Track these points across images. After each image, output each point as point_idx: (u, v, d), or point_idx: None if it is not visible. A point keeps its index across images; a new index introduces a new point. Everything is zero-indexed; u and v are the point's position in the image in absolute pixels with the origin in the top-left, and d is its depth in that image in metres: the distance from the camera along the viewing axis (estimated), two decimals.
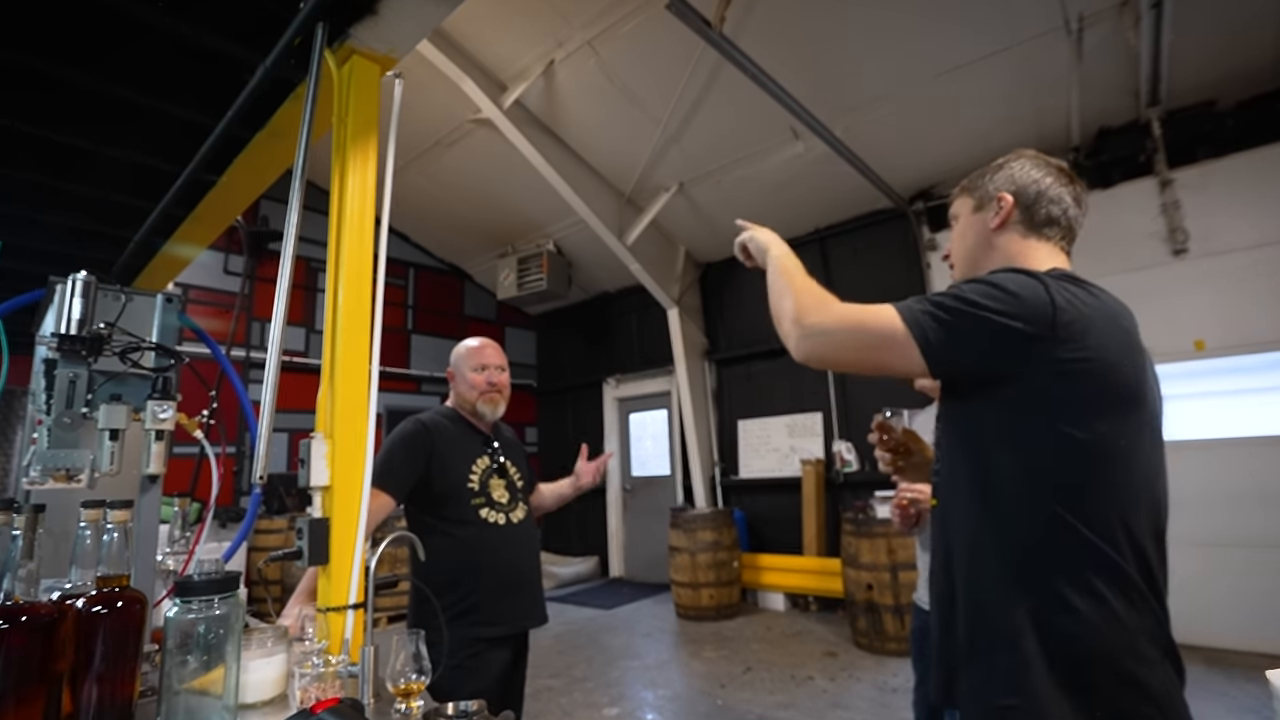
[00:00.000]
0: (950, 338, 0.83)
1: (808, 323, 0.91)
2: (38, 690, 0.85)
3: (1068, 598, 0.79)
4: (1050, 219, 1.00)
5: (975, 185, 1.07)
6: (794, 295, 0.96)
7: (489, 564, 1.77)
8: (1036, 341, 0.81)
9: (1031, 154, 1.05)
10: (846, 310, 0.90)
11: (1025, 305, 0.81)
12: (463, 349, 1.98)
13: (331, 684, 1.02)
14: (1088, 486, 0.82)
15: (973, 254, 1.05)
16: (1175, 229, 4.16)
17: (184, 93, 1.59)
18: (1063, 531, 0.81)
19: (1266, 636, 3.68)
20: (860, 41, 4.08)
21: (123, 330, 1.36)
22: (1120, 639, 0.79)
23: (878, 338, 0.86)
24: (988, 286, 0.84)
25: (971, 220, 1.06)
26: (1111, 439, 0.82)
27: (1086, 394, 0.82)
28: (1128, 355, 0.86)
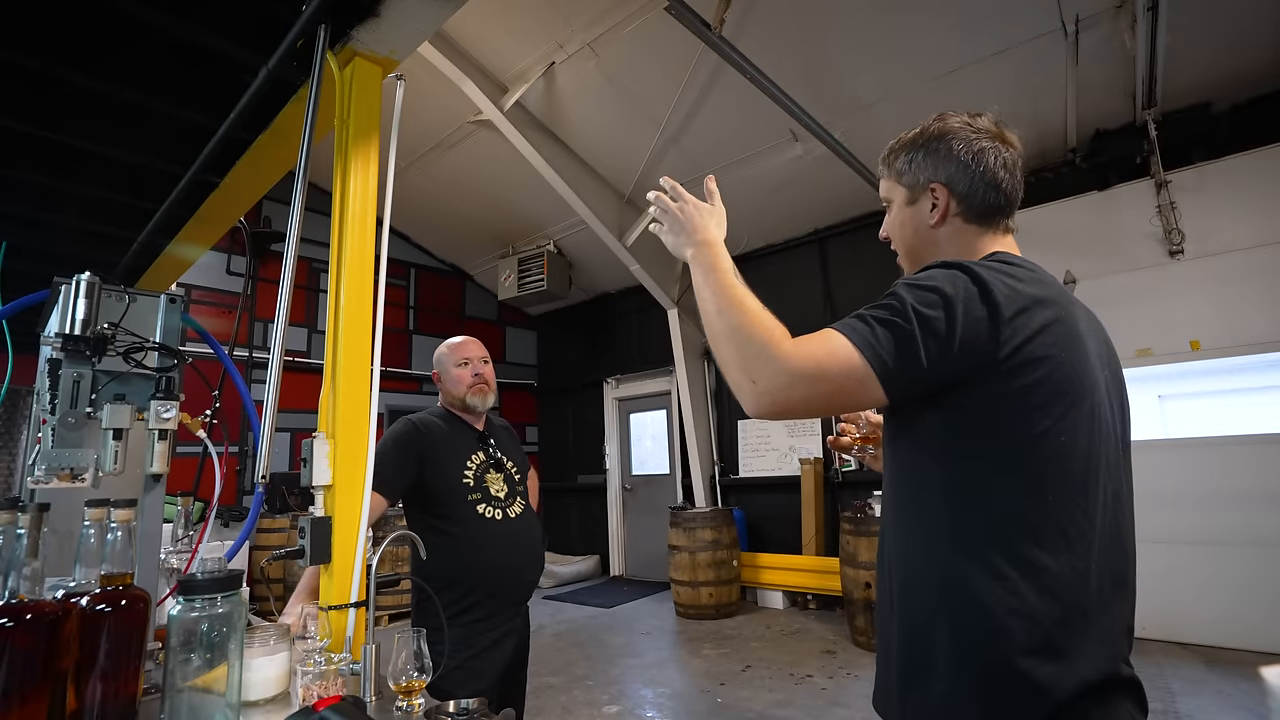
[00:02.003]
0: (905, 361, 0.74)
1: (763, 381, 0.77)
2: (42, 688, 0.86)
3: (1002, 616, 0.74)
4: (991, 207, 0.91)
5: (904, 169, 0.96)
6: (738, 338, 0.80)
7: (488, 561, 1.77)
8: (980, 346, 0.75)
9: (956, 124, 0.92)
10: (801, 356, 0.76)
11: (968, 309, 0.75)
12: (444, 348, 2.00)
13: (333, 682, 1.02)
14: (1026, 487, 0.76)
15: (916, 252, 0.97)
16: (1171, 230, 4.17)
17: (186, 94, 1.60)
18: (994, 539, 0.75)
19: (1263, 635, 3.69)
20: (859, 44, 4.09)
21: (126, 330, 1.37)
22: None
23: (840, 380, 0.75)
24: (926, 293, 0.77)
25: (907, 214, 0.96)
26: (1051, 436, 0.76)
27: (1025, 390, 0.76)
28: (1066, 347, 0.79)
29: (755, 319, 0.81)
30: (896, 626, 0.84)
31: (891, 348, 0.75)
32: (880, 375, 0.74)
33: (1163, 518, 3.96)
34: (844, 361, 0.75)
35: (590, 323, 8.10)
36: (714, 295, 0.86)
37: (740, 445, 6.51)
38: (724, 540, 5.49)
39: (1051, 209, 4.63)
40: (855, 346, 0.75)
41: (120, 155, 1.79)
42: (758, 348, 0.78)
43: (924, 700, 0.78)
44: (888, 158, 1.00)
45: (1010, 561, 0.74)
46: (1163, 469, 4.02)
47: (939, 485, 0.80)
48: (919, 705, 0.79)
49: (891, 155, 0.99)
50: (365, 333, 1.33)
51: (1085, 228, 4.52)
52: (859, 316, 0.78)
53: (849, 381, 0.75)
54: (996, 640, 0.73)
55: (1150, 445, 4.16)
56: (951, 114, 0.95)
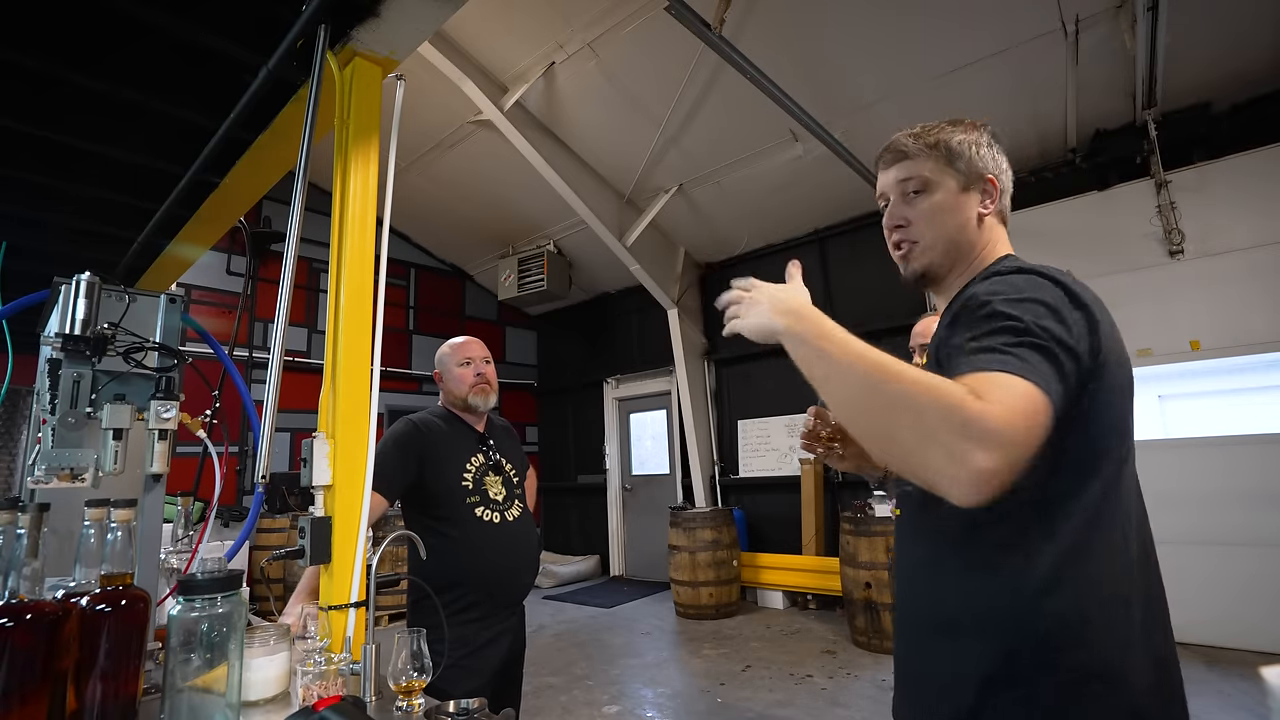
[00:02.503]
0: (1061, 383, 0.68)
1: (981, 456, 0.59)
2: (42, 688, 0.86)
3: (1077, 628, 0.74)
4: (1009, 208, 0.99)
5: (957, 154, 0.93)
6: (917, 412, 0.64)
7: (484, 563, 1.77)
8: (1086, 350, 0.74)
9: (994, 130, 0.99)
10: (1010, 412, 0.62)
11: (1073, 315, 0.74)
12: (446, 348, 2.00)
13: (333, 682, 1.02)
14: (1106, 498, 0.77)
15: (956, 241, 0.93)
16: (1171, 230, 4.17)
17: (186, 94, 1.60)
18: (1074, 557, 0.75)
19: (1264, 635, 3.69)
20: (859, 44, 4.09)
21: (126, 330, 1.37)
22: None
23: (1043, 426, 0.64)
24: (1037, 305, 0.72)
25: (959, 200, 0.93)
26: (1122, 435, 0.78)
27: (1109, 390, 0.77)
28: (1120, 344, 0.81)
29: (922, 382, 0.64)
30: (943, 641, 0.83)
31: (1049, 372, 0.67)
32: (1055, 402, 0.66)
33: (1163, 518, 3.92)
34: (1031, 395, 0.64)
35: (590, 323, 8.10)
36: (849, 365, 0.70)
37: (740, 445, 6.51)
38: (724, 540, 5.49)
39: (1051, 209, 4.63)
40: (1028, 380, 0.65)
41: (120, 155, 1.79)
42: (954, 420, 0.61)
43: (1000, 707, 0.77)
44: (933, 142, 0.95)
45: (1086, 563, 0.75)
46: (1163, 469, 4.02)
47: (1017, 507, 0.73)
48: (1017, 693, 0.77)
49: (941, 139, 0.95)
50: (365, 333, 1.33)
51: (1085, 228, 4.52)
52: (995, 349, 0.68)
53: (1041, 414, 0.64)
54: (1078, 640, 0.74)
55: (1150, 445, 4.16)
56: (983, 122, 1.00)
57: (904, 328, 6.21)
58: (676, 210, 6.01)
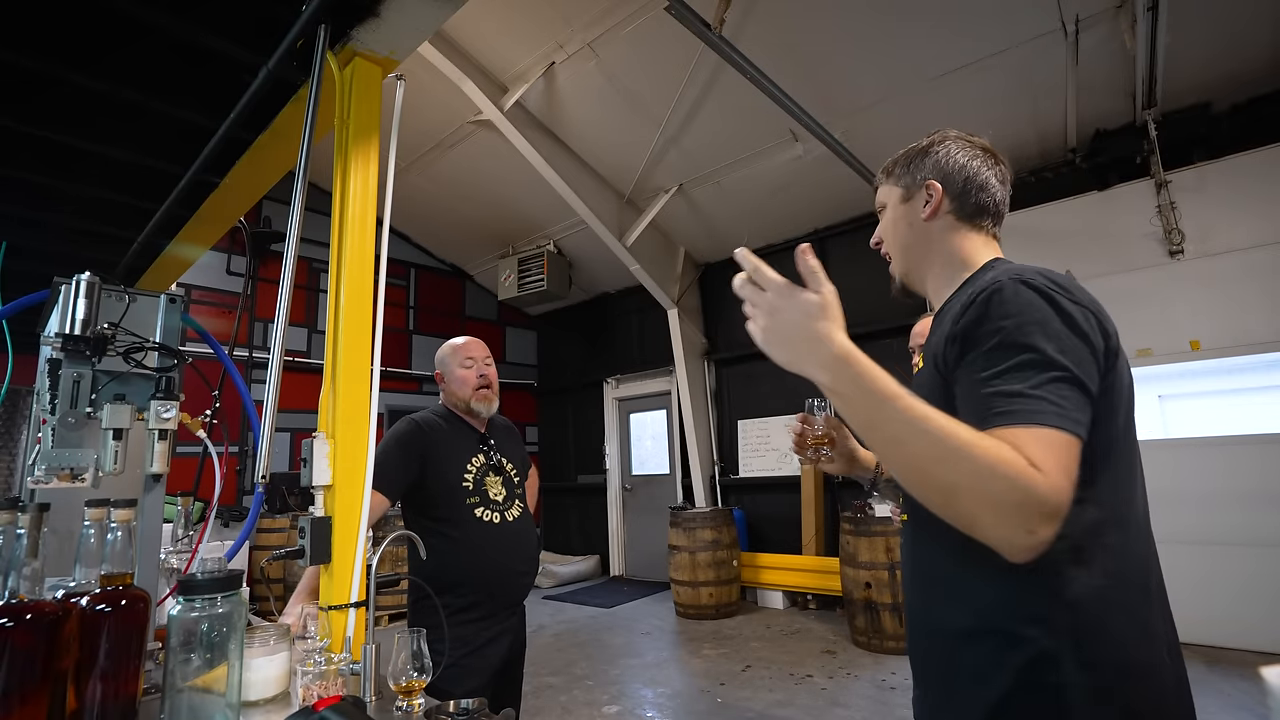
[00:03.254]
0: (1088, 410, 0.72)
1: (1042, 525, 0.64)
2: (42, 688, 0.86)
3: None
4: (981, 208, 0.95)
5: (900, 171, 1.00)
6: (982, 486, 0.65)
7: (483, 563, 1.77)
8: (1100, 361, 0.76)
9: (954, 134, 0.99)
10: (1058, 475, 0.65)
11: (1083, 334, 0.74)
12: (447, 348, 2.00)
13: (333, 682, 1.03)
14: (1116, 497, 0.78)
15: (908, 248, 0.99)
16: (1171, 230, 4.17)
17: (186, 94, 1.60)
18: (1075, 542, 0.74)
19: (1264, 635, 3.69)
20: (859, 44, 4.09)
21: (126, 330, 1.37)
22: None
23: (1075, 470, 0.68)
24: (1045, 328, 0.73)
25: (901, 211, 0.99)
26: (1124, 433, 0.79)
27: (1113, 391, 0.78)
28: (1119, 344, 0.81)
29: (986, 453, 0.65)
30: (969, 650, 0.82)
31: (1078, 405, 0.70)
32: (1085, 436, 0.70)
33: (1163, 518, 3.90)
34: (1068, 447, 0.68)
35: (590, 323, 8.10)
36: (909, 434, 0.69)
37: (740, 445, 6.51)
38: (724, 540, 5.49)
39: (1051, 209, 4.63)
40: (1063, 429, 0.68)
41: (120, 155, 1.79)
42: (1018, 494, 0.64)
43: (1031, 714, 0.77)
44: (888, 167, 1.03)
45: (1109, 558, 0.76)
46: (1163, 469, 4.02)
47: None
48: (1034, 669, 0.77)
49: (891, 164, 1.03)
50: (365, 333, 1.33)
51: (1085, 228, 4.52)
52: (1020, 393, 0.70)
53: (1076, 461, 0.68)
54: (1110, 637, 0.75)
55: (1150, 445, 4.14)
56: (950, 130, 1.01)
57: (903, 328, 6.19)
58: (676, 210, 6.01)
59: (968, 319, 0.79)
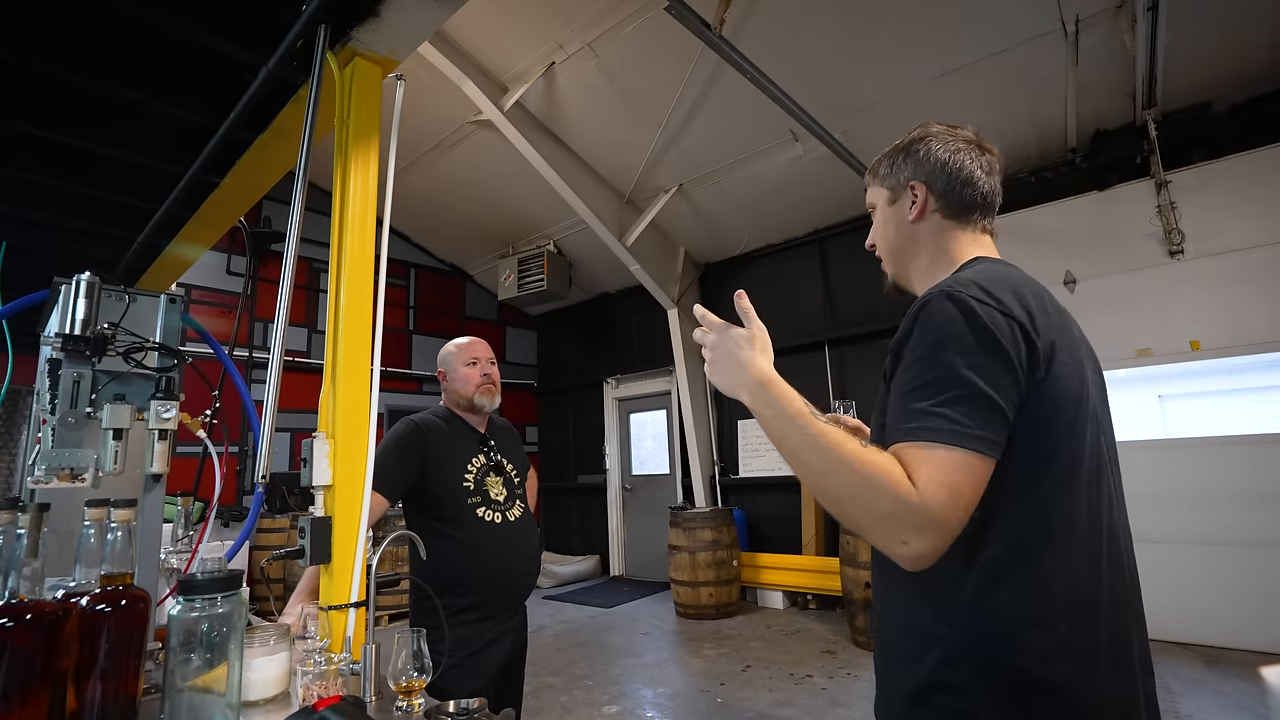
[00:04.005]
0: (1002, 423, 0.73)
1: (916, 540, 0.69)
2: (42, 688, 0.86)
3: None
4: (967, 204, 0.94)
5: (886, 173, 1.00)
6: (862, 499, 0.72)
7: (486, 563, 1.77)
8: (1020, 369, 0.75)
9: (937, 129, 0.97)
10: (934, 491, 0.69)
11: (1000, 341, 0.75)
12: (451, 347, 2.00)
13: (333, 682, 1.03)
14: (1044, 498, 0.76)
15: (897, 250, 1.00)
16: (1171, 230, 4.17)
17: (186, 94, 1.60)
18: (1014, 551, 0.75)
19: (1263, 634, 3.69)
20: (859, 44, 4.09)
21: (126, 330, 1.37)
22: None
23: (969, 483, 0.71)
24: (959, 342, 0.75)
25: (889, 213, 1.00)
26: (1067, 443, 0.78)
27: (1049, 402, 0.76)
28: (1070, 351, 0.79)
29: (872, 469, 0.71)
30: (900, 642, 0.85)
31: (984, 420, 0.72)
32: (991, 453, 0.72)
33: (1163, 517, 3.97)
34: (961, 465, 0.70)
35: (590, 323, 8.10)
36: (808, 447, 0.76)
37: (740, 445, 6.51)
38: (724, 540, 5.49)
39: (1051, 209, 4.63)
40: (956, 446, 0.71)
41: (120, 155, 1.79)
42: (896, 505, 0.69)
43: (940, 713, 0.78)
44: (874, 167, 1.03)
45: (1028, 572, 0.75)
46: (1162, 469, 4.02)
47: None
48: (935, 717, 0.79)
49: (876, 164, 1.03)
50: (365, 333, 1.34)
51: (1085, 228, 4.52)
52: (926, 411, 0.73)
53: (974, 477, 0.71)
54: (1017, 649, 0.74)
55: (1150, 445, 4.16)
56: (933, 123, 0.99)
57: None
58: (676, 210, 6.01)
59: (900, 332, 0.82)
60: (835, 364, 5.89)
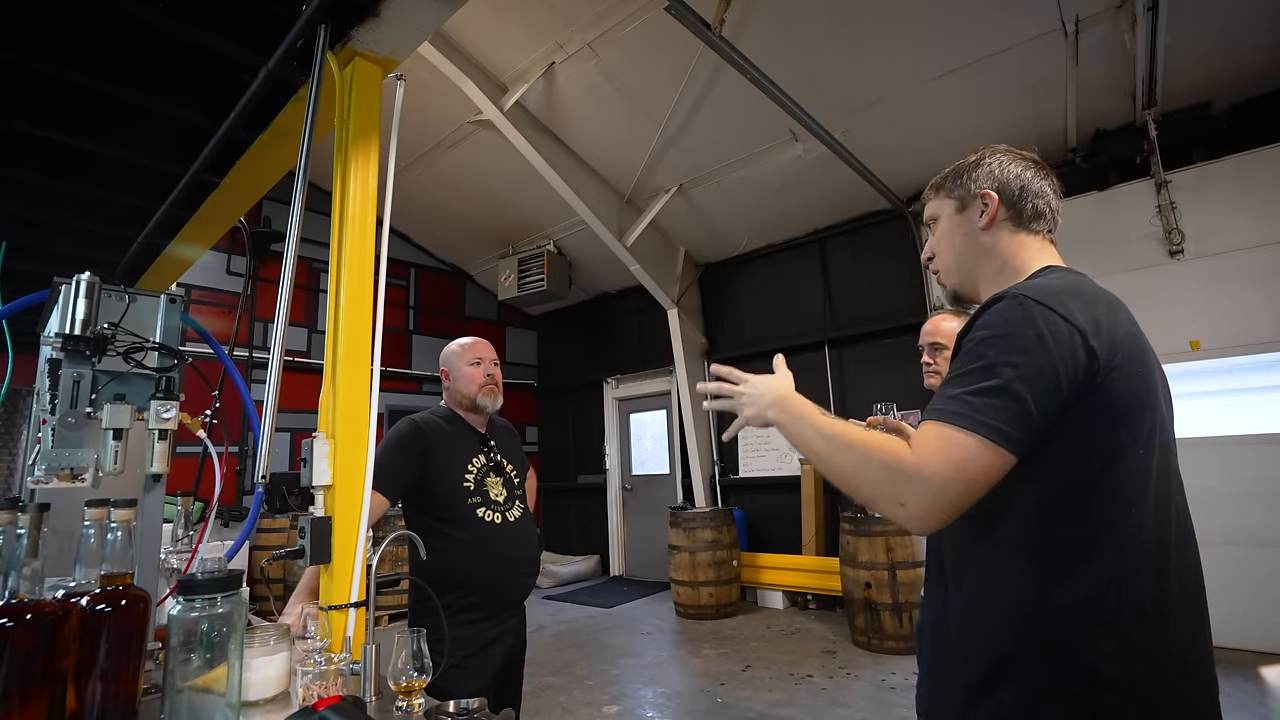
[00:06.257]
0: (1023, 422, 0.76)
1: (912, 501, 0.77)
2: (42, 688, 0.86)
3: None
4: (1036, 213, 0.97)
5: (954, 184, 1.02)
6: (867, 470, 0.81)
7: (486, 564, 1.77)
8: (1079, 372, 0.77)
9: (1004, 148, 1.01)
10: (934, 463, 0.76)
11: (1058, 341, 0.77)
12: (455, 346, 2.00)
13: (333, 682, 1.03)
14: (1121, 508, 0.78)
15: (964, 258, 1.01)
16: (1171, 230, 4.17)
17: (186, 94, 1.60)
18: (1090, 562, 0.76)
19: (1264, 635, 3.69)
20: (859, 44, 4.09)
21: (126, 330, 1.37)
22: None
23: (976, 467, 0.75)
24: (1010, 340, 0.78)
25: (957, 222, 1.01)
26: (1129, 452, 0.79)
27: (1109, 408, 0.78)
28: (1140, 360, 0.81)
29: (871, 446, 0.81)
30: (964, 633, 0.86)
31: (1005, 415, 0.75)
32: (1006, 446, 0.75)
33: None
34: (971, 449, 0.75)
35: (590, 323, 8.10)
36: (818, 439, 0.88)
37: (740, 445, 6.51)
38: (724, 540, 5.49)
39: None
40: (971, 432, 0.75)
41: (120, 155, 1.79)
42: (890, 472, 0.78)
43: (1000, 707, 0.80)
44: (936, 183, 1.06)
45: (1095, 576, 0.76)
46: None
47: (1025, 507, 0.81)
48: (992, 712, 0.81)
49: (941, 179, 1.05)
50: (365, 333, 1.34)
51: (1085, 228, 4.52)
52: (956, 398, 0.78)
53: (984, 463, 0.75)
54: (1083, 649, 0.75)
55: None
56: (999, 145, 1.04)
57: (901, 328, 6.17)
58: (676, 210, 6.01)
59: (966, 325, 0.87)
60: (835, 364, 5.88)
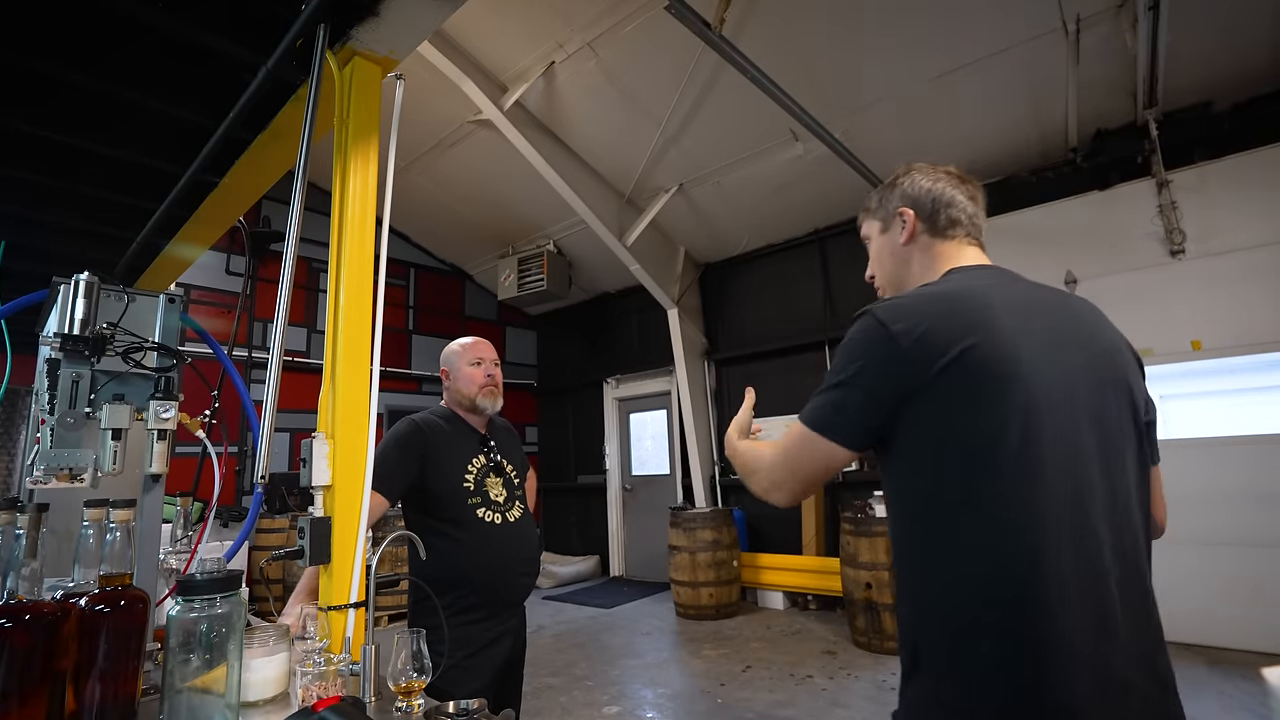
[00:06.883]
0: (851, 419, 0.88)
1: (763, 489, 1.00)
2: (41, 688, 0.86)
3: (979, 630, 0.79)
4: (951, 221, 1.03)
5: (877, 207, 1.12)
6: (745, 470, 1.05)
7: (486, 564, 1.77)
8: (899, 374, 0.84)
9: (921, 166, 1.09)
10: (774, 456, 0.97)
11: (874, 352, 0.86)
12: (456, 346, 2.00)
13: (333, 682, 1.02)
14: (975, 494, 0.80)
15: (893, 272, 1.10)
16: (1172, 230, 4.17)
17: (185, 94, 1.60)
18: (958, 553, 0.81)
19: (1266, 636, 3.69)
20: (859, 43, 4.09)
21: (125, 330, 1.37)
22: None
23: (807, 454, 0.92)
24: (845, 350, 0.90)
25: (883, 241, 1.12)
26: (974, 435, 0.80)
27: (937, 408, 0.82)
28: (984, 346, 0.81)
29: (750, 450, 1.06)
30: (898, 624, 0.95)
31: (831, 412, 0.90)
32: (836, 439, 0.89)
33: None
34: (804, 438, 0.92)
35: (590, 323, 8.10)
36: (735, 454, 1.13)
37: None
38: (724, 540, 5.48)
39: (1052, 209, 4.63)
40: (806, 424, 0.91)
41: (120, 155, 1.79)
42: (751, 465, 1.04)
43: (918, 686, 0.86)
44: (867, 205, 1.15)
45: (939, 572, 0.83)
46: (1164, 469, 4.00)
47: (906, 495, 0.89)
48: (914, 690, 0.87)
49: (868, 201, 1.15)
50: (365, 333, 1.33)
51: (1086, 227, 4.51)
52: (812, 398, 0.94)
53: (815, 452, 0.91)
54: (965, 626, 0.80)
55: None
56: (916, 163, 1.12)
57: None
58: (676, 210, 6.01)
59: None
60: None
